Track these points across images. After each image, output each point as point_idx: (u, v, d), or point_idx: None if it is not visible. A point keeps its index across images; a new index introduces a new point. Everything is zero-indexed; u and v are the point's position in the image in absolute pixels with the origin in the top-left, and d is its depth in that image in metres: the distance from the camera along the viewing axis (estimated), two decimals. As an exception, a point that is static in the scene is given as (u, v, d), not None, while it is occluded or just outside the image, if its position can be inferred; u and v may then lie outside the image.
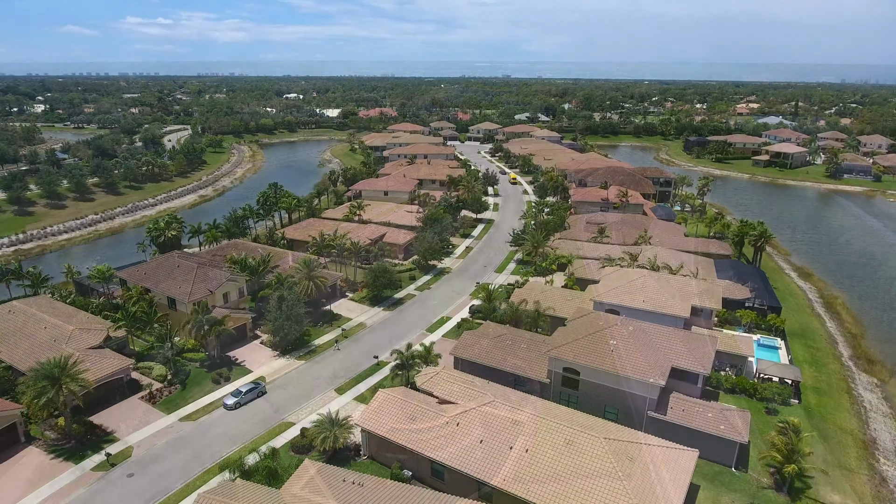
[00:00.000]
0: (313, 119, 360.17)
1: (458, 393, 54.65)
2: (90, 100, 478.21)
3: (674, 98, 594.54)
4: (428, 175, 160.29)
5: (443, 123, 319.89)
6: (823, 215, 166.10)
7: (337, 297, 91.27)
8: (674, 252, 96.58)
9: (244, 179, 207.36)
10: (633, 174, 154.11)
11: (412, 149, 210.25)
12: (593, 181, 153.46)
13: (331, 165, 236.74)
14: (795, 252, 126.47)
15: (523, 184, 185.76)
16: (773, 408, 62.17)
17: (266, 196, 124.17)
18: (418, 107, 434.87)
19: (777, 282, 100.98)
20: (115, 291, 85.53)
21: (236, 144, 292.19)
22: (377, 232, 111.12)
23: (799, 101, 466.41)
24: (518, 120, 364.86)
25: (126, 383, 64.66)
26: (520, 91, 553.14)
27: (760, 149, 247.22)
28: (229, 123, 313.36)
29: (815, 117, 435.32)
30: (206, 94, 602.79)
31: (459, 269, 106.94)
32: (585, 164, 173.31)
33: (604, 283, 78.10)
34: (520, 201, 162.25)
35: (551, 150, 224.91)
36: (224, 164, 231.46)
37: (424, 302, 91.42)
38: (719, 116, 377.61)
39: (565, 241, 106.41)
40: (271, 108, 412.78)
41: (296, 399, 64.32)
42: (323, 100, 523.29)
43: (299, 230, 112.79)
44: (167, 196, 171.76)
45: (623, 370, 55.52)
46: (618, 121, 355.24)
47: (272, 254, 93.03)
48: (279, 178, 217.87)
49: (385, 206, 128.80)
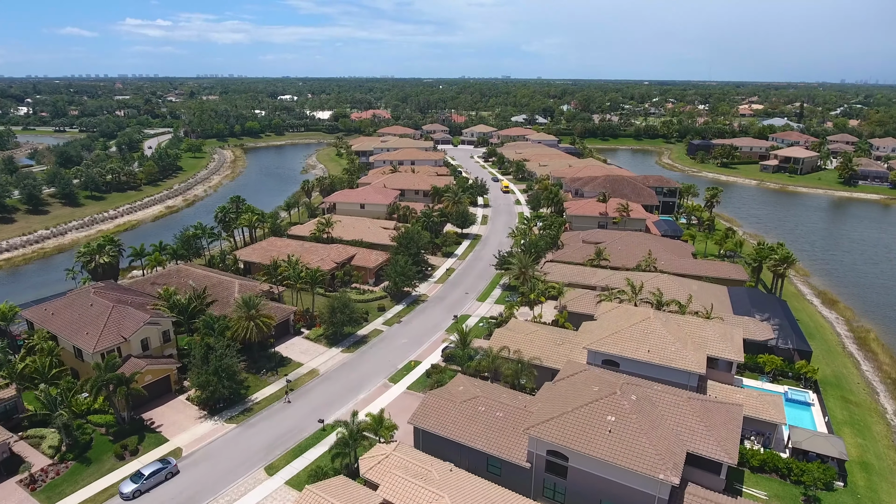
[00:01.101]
0: (302, 122, 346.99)
1: (407, 493, 41.69)
2: (78, 102, 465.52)
3: (674, 99, 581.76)
4: (411, 185, 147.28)
5: (435, 126, 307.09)
6: (842, 228, 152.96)
7: (290, 333, 78.44)
8: (682, 280, 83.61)
9: (219, 187, 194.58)
10: (633, 183, 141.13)
11: (399, 154, 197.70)
12: (591, 191, 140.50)
13: (315, 172, 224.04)
14: (816, 272, 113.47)
15: (516, 192, 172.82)
16: (814, 495, 49.25)
17: (225, 211, 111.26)
18: (412, 109, 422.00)
19: (799, 311, 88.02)
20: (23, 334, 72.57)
21: (219, 149, 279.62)
22: (345, 253, 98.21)
23: (804, 103, 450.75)
24: (514, 122, 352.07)
25: (2, 462, 51.74)
26: (517, 92, 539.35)
27: (768, 153, 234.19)
28: (213, 127, 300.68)
29: (821, 119, 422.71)
30: (199, 95, 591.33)
31: (437, 296, 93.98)
32: (583, 172, 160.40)
33: (601, 326, 65.14)
34: (511, 213, 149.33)
35: (547, 154, 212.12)
36: (201, 171, 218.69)
37: (392, 340, 78.50)
38: (723, 118, 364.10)
39: (558, 266, 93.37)
40: (260, 111, 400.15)
41: (214, 482, 51.34)
42: (316, 101, 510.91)
43: (258, 251, 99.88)
44: (131, 207, 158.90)
45: (624, 460, 42.61)
46: (618, 123, 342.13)
47: (209, 286, 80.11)
48: (257, 186, 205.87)
49: (359, 221, 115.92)
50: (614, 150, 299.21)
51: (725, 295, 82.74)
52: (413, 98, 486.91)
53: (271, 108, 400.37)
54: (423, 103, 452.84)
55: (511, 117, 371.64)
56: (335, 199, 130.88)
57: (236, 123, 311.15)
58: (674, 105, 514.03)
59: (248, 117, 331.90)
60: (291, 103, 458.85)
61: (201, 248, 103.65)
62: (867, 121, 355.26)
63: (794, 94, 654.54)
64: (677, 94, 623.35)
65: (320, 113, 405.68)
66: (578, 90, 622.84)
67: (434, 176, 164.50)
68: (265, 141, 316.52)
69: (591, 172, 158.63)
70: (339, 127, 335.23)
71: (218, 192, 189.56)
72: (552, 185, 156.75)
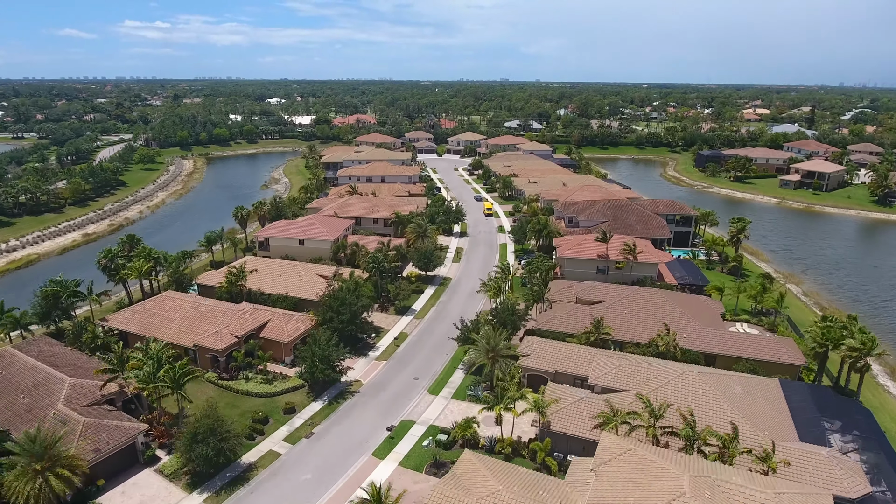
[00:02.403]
0: (277, 129, 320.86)
1: None
2: (50, 106, 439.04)
3: (676, 102, 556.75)
4: (369, 211, 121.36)
5: (419, 134, 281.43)
6: (891, 262, 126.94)
7: (139, 464, 52.69)
8: (718, 377, 58.04)
9: (160, 208, 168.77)
10: (640, 210, 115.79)
11: (368, 169, 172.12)
12: (588, 219, 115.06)
13: (277, 187, 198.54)
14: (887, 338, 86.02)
15: (500, 216, 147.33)
16: None
17: (110, 256, 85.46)
18: (400, 113, 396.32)
19: (882, 415, 62.42)
20: None
21: (180, 159, 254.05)
22: (253, 321, 72.51)
23: (815, 108, 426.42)
24: (506, 129, 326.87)
25: None
26: (512, 96, 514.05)
27: (787, 166, 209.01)
28: (176, 134, 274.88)
29: (834, 125, 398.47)
30: (183, 98, 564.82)
31: (375, 383, 68.34)
32: (579, 193, 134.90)
33: (603, 489, 39.58)
34: (492, 244, 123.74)
35: (539, 168, 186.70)
36: (147, 186, 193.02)
37: (290, 474, 52.80)
38: (729, 125, 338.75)
39: (539, 346, 67.38)
40: (237, 116, 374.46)
41: None
42: (302, 105, 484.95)
43: (139, 316, 74.19)
44: (40, 235, 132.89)
45: None
46: (618, 129, 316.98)
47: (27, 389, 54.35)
48: (204, 206, 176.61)
49: (288, 267, 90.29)
50: (614, 159, 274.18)
51: (779, 393, 57.51)
52: (401, 102, 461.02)
53: (248, 113, 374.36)
54: (412, 107, 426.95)
55: (504, 123, 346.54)
56: (268, 234, 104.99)
57: (202, 130, 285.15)
58: (676, 109, 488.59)
59: (216, 123, 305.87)
60: (271, 107, 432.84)
61: (73, 307, 77.74)
62: (883, 127, 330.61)
63: (798, 98, 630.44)
64: (678, 98, 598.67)
65: (301, 118, 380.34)
66: (576, 94, 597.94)
67: (403, 198, 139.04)
68: (235, 149, 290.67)
69: (588, 194, 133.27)
70: (317, 134, 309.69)
71: (156, 213, 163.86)
72: (541, 209, 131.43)
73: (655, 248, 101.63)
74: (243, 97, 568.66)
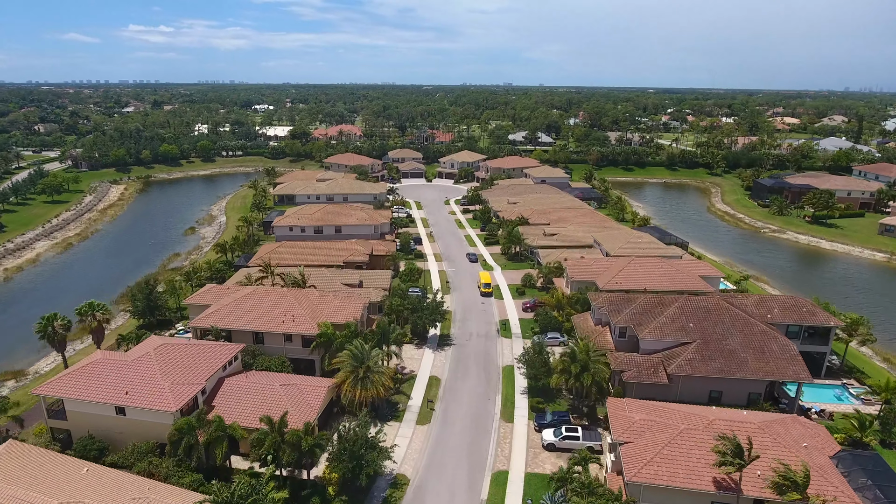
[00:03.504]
0: (239, 144, 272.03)
1: None
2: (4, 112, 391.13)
3: (690, 109, 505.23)
4: (279, 317, 70.37)
5: (405, 153, 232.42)
6: None
7: None
8: None
9: (21, 271, 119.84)
10: (746, 323, 67.00)
11: (319, 216, 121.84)
12: (657, 339, 66.33)
13: (209, 229, 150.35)
14: None
15: (505, 296, 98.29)
16: None
17: None
18: (391, 124, 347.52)
19: None
20: None
21: (109, 183, 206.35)
22: None
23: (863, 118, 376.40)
24: (510, 143, 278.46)
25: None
26: (517, 103, 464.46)
27: (881, 200, 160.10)
28: (110, 152, 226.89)
29: (881, 137, 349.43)
30: (164, 104, 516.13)
31: None
32: (629, 269, 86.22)
33: None
34: (490, 376, 73.89)
35: (554, 208, 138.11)
36: (34, 229, 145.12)
37: None
38: (769, 138, 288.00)
39: None
40: (204, 126, 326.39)
41: None
42: (287, 112, 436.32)
43: None
44: None
45: None
46: (641, 146, 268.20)
47: None
48: (101, 260, 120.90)
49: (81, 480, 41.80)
50: (641, 184, 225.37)
51: None
52: (392, 110, 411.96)
53: (213, 123, 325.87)
54: (405, 116, 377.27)
55: (508, 135, 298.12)
56: (60, 392, 55.42)
57: (144, 148, 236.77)
58: (695, 118, 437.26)
59: (165, 138, 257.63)
60: (245, 117, 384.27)
61: None
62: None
63: (822, 105, 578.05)
64: (693, 105, 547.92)
65: (277, 129, 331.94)
66: (584, 99, 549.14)
67: (355, 272, 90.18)
68: (186, 170, 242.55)
69: (642, 271, 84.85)
70: (285, 151, 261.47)
71: (24, 272, 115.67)
72: (568, 297, 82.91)
73: (797, 424, 52.79)
74: (231, 103, 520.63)
